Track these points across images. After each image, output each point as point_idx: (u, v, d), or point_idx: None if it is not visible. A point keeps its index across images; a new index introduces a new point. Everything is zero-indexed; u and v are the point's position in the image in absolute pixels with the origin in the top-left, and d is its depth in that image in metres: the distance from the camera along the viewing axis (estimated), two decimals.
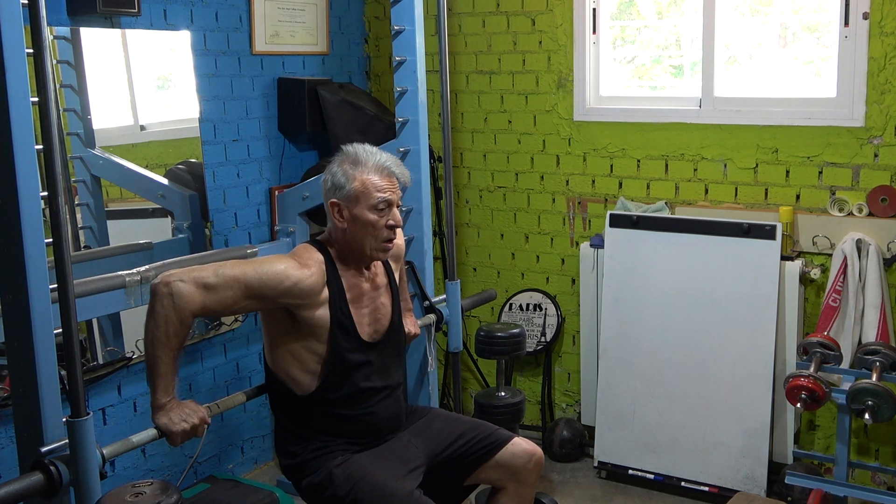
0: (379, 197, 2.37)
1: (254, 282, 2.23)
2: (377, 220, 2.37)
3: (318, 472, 2.38)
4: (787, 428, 3.45)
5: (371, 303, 2.49)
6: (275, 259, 2.34)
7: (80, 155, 3.13)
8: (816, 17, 3.54)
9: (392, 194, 2.39)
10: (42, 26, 1.88)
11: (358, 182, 2.37)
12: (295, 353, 2.37)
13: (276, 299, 2.29)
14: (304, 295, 2.30)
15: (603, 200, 3.90)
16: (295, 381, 2.40)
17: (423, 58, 3.13)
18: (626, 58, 3.99)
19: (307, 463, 2.41)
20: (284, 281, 2.26)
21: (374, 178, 2.37)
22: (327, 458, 2.39)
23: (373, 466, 2.37)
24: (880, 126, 3.27)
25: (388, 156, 2.45)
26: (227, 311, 2.30)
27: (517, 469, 2.55)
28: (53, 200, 1.92)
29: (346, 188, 2.37)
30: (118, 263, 2.98)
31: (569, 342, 4.10)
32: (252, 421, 3.83)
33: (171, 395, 2.18)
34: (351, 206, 2.38)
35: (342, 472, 2.35)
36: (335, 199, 2.39)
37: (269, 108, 3.84)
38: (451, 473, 2.56)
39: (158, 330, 2.15)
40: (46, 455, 1.99)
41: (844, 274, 3.29)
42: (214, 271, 2.22)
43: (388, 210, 2.39)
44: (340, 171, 2.40)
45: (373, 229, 2.38)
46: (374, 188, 2.37)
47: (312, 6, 3.97)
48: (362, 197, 2.37)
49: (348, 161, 2.41)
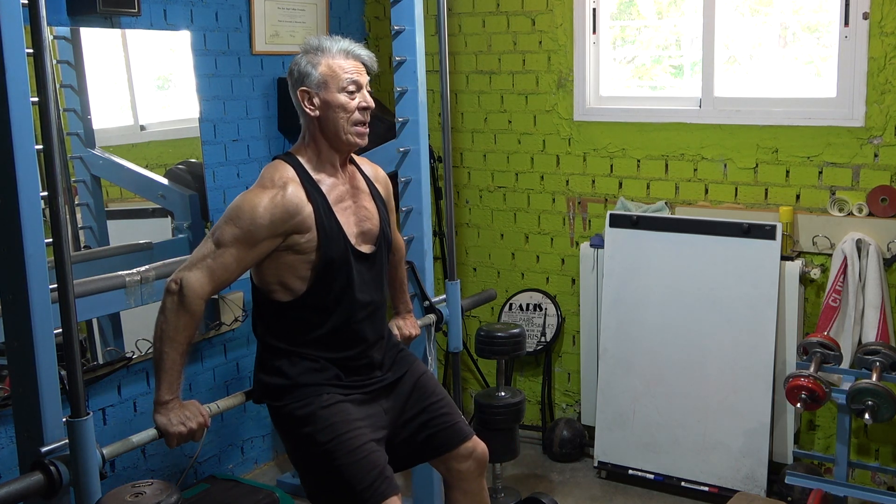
0: (347, 78, 2.36)
1: (245, 234, 2.21)
2: (348, 102, 2.36)
3: (301, 404, 2.33)
4: (787, 428, 3.45)
5: (353, 203, 2.45)
6: (249, 201, 2.27)
7: (80, 155, 3.13)
8: (816, 17, 3.54)
9: (359, 75, 2.39)
10: (42, 26, 1.88)
11: (324, 66, 2.36)
12: (287, 262, 2.33)
13: (275, 232, 2.25)
14: (293, 212, 2.26)
15: (603, 200, 3.90)
16: (285, 287, 2.35)
17: (423, 58, 3.13)
18: (626, 58, 3.99)
19: (293, 389, 2.35)
20: (271, 213, 2.23)
21: (339, 61, 2.37)
22: (314, 393, 2.34)
23: (354, 425, 2.32)
24: (880, 126, 3.27)
25: (348, 40, 2.44)
26: (237, 273, 2.26)
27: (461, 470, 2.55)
28: (53, 200, 1.91)
29: (314, 75, 2.36)
30: (118, 263, 2.98)
31: (569, 342, 4.10)
32: (252, 421, 3.83)
33: (174, 395, 2.18)
34: (320, 92, 2.37)
35: (326, 417, 2.30)
36: (304, 86, 2.38)
37: (269, 108, 3.84)
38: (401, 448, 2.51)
39: (167, 325, 2.16)
40: (46, 455, 1.98)
41: (844, 274, 3.29)
42: (209, 246, 2.23)
43: (357, 92, 2.38)
44: (305, 59, 2.39)
45: (344, 112, 2.36)
46: (341, 70, 2.36)
47: (312, 6, 3.97)
48: (331, 80, 2.36)
49: (312, 50, 2.40)
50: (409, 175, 3.14)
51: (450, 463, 2.56)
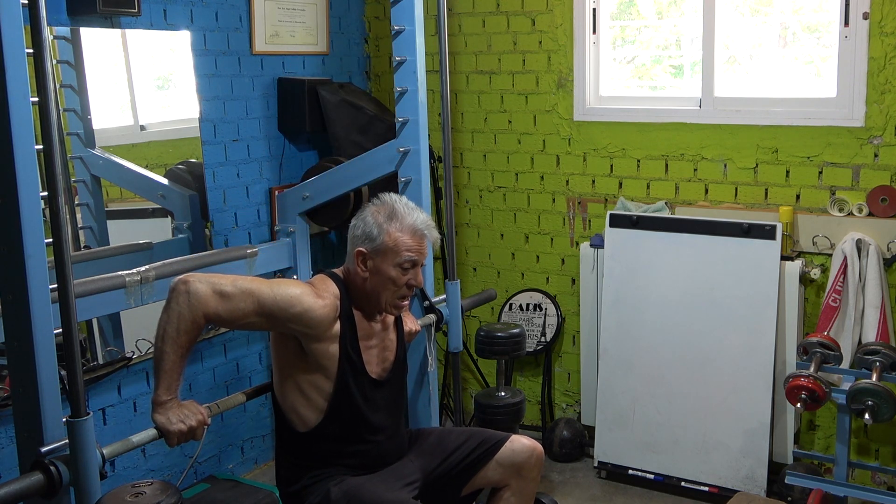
0: (407, 256, 2.37)
1: (267, 299, 2.23)
2: (399, 278, 2.38)
3: (315, 495, 2.38)
4: (787, 428, 3.45)
5: (380, 342, 2.50)
6: (292, 283, 2.34)
7: (80, 155, 3.13)
8: (816, 17, 3.55)
9: (419, 255, 2.40)
10: (42, 26, 1.88)
11: (390, 238, 2.36)
12: (302, 388, 2.37)
13: (286, 323, 2.27)
14: (313, 325, 2.28)
15: (603, 200, 3.90)
16: (299, 417, 2.39)
17: (423, 58, 3.13)
18: (626, 58, 3.99)
19: (306, 488, 2.40)
20: (296, 305, 2.25)
21: (406, 238, 2.37)
22: (325, 481, 2.39)
23: (369, 483, 2.37)
24: (880, 126, 3.27)
25: (423, 216, 2.45)
26: (237, 322, 2.27)
27: (519, 465, 2.55)
28: (53, 200, 1.91)
29: (377, 241, 2.37)
30: (118, 263, 2.98)
31: (569, 342, 4.10)
32: (252, 421, 3.83)
33: (173, 395, 2.18)
34: (376, 259, 2.38)
35: (339, 490, 2.35)
36: (362, 247, 2.38)
37: (269, 108, 3.83)
38: (448, 485, 2.55)
39: (170, 325, 2.16)
40: (46, 455, 1.99)
41: (844, 274, 3.29)
42: (232, 281, 2.23)
43: (411, 269, 2.39)
44: (374, 221, 2.39)
45: (392, 285, 2.38)
46: (404, 247, 2.37)
47: (312, 6, 3.97)
48: (390, 253, 2.37)
49: (383, 213, 2.40)
50: (409, 175, 3.14)
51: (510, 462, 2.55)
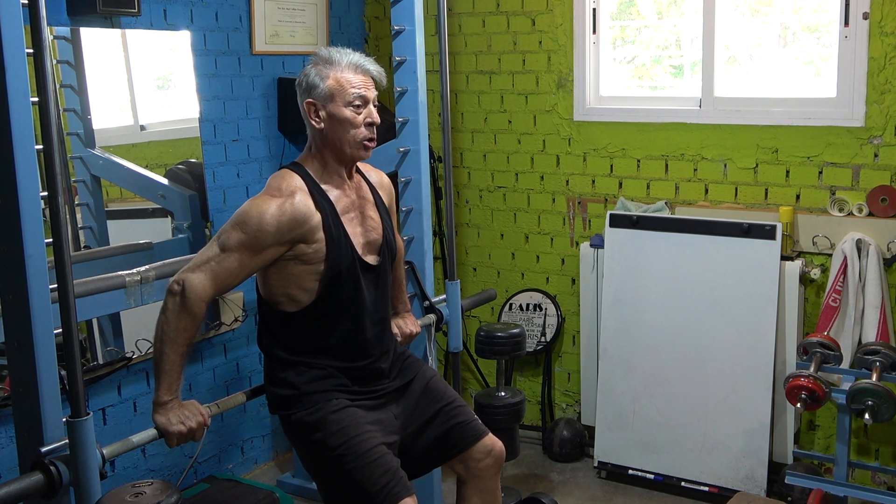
0: (354, 93, 2.35)
1: (251, 239, 2.21)
2: (354, 117, 2.35)
3: (311, 411, 2.34)
4: (787, 428, 3.45)
5: (360, 213, 2.45)
6: (257, 207, 2.26)
7: (80, 155, 3.13)
8: (816, 17, 3.55)
9: (367, 90, 2.38)
10: (42, 26, 1.88)
11: (332, 80, 2.35)
12: (294, 273, 2.33)
13: (281, 240, 2.25)
14: (300, 221, 2.26)
15: (603, 200, 3.90)
16: (291, 298, 2.35)
17: (423, 58, 3.13)
18: (626, 58, 3.99)
19: (301, 397, 2.36)
20: (278, 220, 2.22)
21: (347, 75, 2.36)
22: (323, 399, 2.35)
23: (365, 430, 2.33)
24: (880, 126, 3.27)
25: (360, 54, 2.43)
26: (240, 278, 2.25)
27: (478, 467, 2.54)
28: (53, 200, 1.91)
29: (321, 87, 2.36)
30: (118, 263, 2.98)
31: (569, 342, 4.10)
32: (252, 421, 3.83)
33: (173, 395, 2.18)
34: (326, 105, 2.36)
35: (336, 421, 2.31)
36: (310, 98, 2.37)
37: (269, 108, 3.84)
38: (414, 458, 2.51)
39: (168, 325, 2.16)
40: (46, 455, 1.99)
41: (844, 274, 3.29)
42: (213, 249, 2.23)
43: (364, 107, 2.37)
44: (314, 70, 2.38)
45: (350, 126, 2.35)
46: (349, 84, 2.35)
47: (312, 6, 3.97)
48: (337, 94, 2.35)
49: (322, 61, 2.39)
50: (409, 175, 3.14)
51: (467, 462, 2.54)
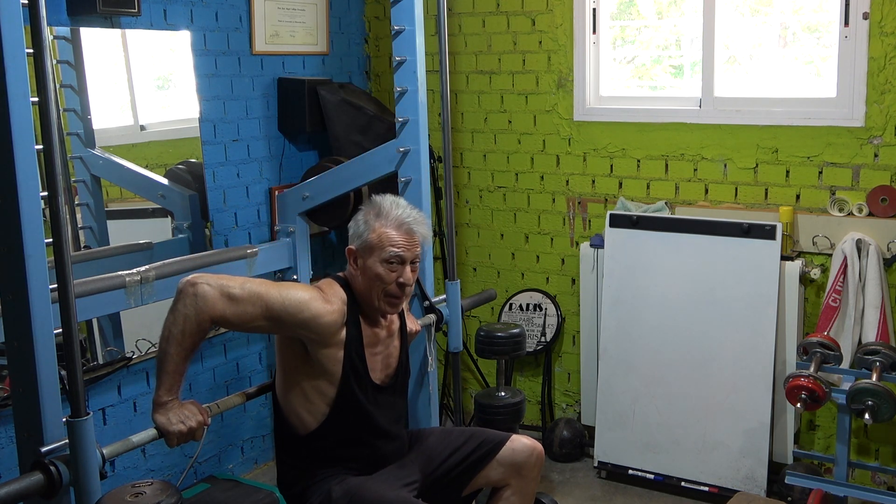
0: (391, 252, 2.36)
1: (276, 303, 2.23)
2: (386, 275, 2.36)
3: (317, 494, 2.38)
4: (787, 428, 3.45)
5: (385, 349, 2.50)
6: (301, 287, 2.34)
7: (80, 155, 3.13)
8: (816, 17, 3.54)
9: (406, 251, 2.38)
10: (42, 26, 1.88)
11: (375, 234, 2.37)
12: (305, 392, 2.37)
13: (294, 328, 2.28)
14: (321, 330, 2.28)
15: (603, 200, 3.90)
16: (300, 420, 2.39)
17: (423, 58, 3.13)
18: (626, 58, 3.99)
19: (308, 489, 2.40)
20: (305, 311, 2.25)
21: (390, 232, 2.37)
22: (327, 480, 2.39)
23: (370, 481, 2.37)
24: (880, 126, 3.27)
25: (413, 212, 2.44)
26: (244, 325, 2.27)
27: (519, 464, 2.55)
28: (53, 200, 1.92)
29: (364, 237, 2.38)
30: (118, 263, 2.98)
31: (569, 342, 4.10)
32: (252, 421, 3.83)
33: (173, 395, 2.18)
34: (364, 257, 2.38)
35: (340, 489, 2.35)
36: (353, 246, 2.41)
37: (269, 108, 3.83)
38: (449, 486, 2.55)
39: (175, 326, 2.16)
40: (46, 455, 1.99)
41: (844, 274, 3.29)
42: (241, 284, 2.22)
43: (399, 266, 2.37)
44: (363, 219, 2.40)
45: (380, 283, 2.36)
46: (389, 242, 2.36)
47: (312, 6, 3.97)
48: (376, 249, 2.36)
49: (373, 211, 2.41)
50: (409, 175, 3.14)
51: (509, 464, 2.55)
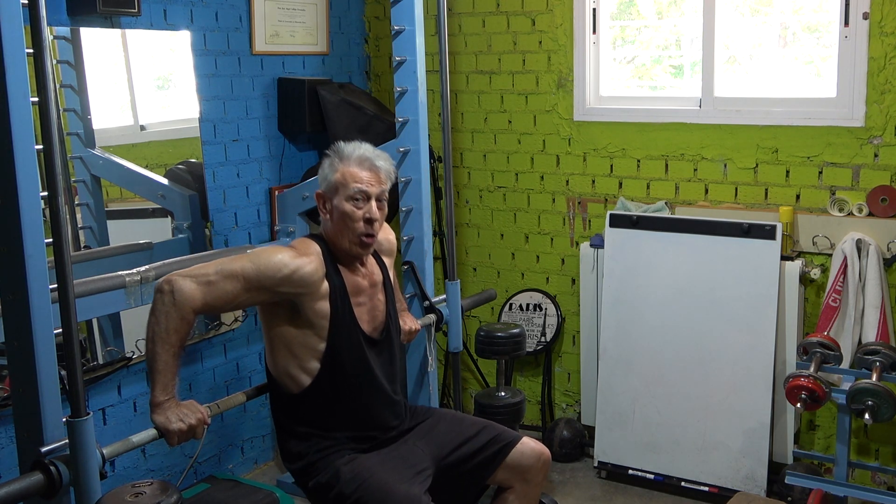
0: (356, 188, 2.38)
1: (252, 273, 2.24)
2: (353, 212, 2.38)
3: (324, 472, 2.38)
4: (787, 428, 3.45)
5: (369, 300, 2.49)
6: (272, 249, 2.34)
7: (80, 155, 3.13)
8: (816, 17, 3.55)
9: (370, 186, 2.40)
10: (42, 26, 1.89)
11: (339, 174, 2.40)
12: (293, 350, 2.37)
13: (276, 289, 2.28)
14: (303, 283, 2.29)
15: (603, 200, 3.90)
16: (292, 378, 2.39)
17: (423, 58, 3.13)
18: (626, 58, 3.99)
19: (314, 464, 2.40)
20: (283, 269, 2.26)
21: (354, 169, 2.40)
22: (334, 457, 2.39)
23: (379, 468, 2.36)
24: (880, 126, 3.27)
25: (374, 150, 2.47)
26: (228, 305, 2.28)
27: (525, 469, 2.56)
28: (53, 200, 1.92)
29: (329, 179, 2.42)
30: (118, 263, 2.98)
31: (569, 342, 4.10)
32: (252, 421, 3.83)
33: (169, 395, 2.18)
34: (331, 198, 2.41)
35: (349, 471, 2.34)
36: (320, 190, 2.44)
37: (269, 108, 3.84)
38: (458, 483, 2.55)
39: (158, 326, 2.16)
40: (46, 455, 1.99)
41: (844, 274, 3.29)
42: (215, 267, 2.24)
43: (365, 202, 2.39)
44: (328, 163, 2.45)
45: (349, 220, 2.38)
46: (353, 179, 2.39)
47: (312, 6, 3.97)
48: (341, 187, 2.40)
49: (336, 154, 2.45)
50: (409, 175, 3.14)
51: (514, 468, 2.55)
